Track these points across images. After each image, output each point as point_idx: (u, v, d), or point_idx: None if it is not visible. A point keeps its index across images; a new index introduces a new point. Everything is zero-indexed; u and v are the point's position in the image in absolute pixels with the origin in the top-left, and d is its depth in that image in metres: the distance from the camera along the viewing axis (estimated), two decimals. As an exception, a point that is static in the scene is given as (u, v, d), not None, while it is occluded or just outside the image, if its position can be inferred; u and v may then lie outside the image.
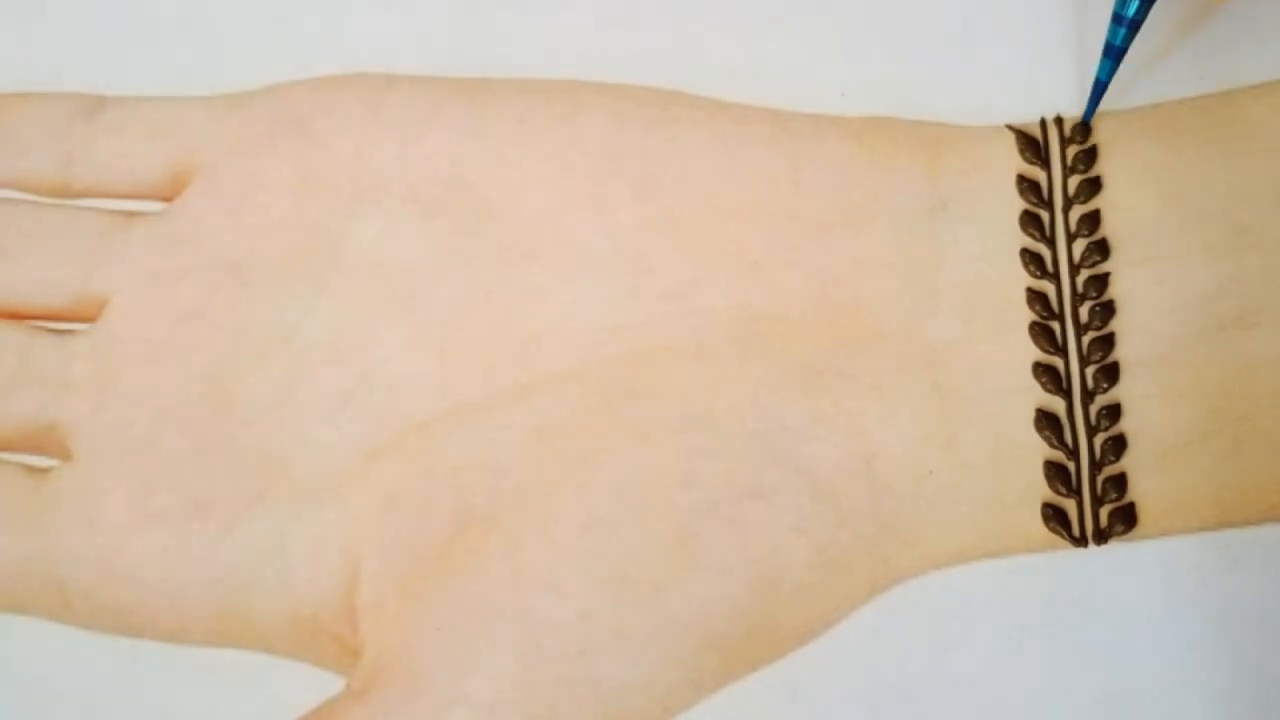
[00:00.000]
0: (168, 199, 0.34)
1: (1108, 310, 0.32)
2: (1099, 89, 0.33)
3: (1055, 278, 0.32)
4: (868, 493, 0.31)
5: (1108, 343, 0.32)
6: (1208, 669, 0.31)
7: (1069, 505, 0.31)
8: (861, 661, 0.32)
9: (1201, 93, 0.33)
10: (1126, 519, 0.31)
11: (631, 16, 0.37)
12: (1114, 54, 0.32)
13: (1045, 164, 0.33)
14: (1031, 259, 0.32)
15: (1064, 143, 0.33)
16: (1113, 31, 0.32)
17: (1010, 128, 0.33)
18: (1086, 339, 0.32)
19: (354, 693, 0.30)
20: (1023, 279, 0.32)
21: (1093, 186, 0.32)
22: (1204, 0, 0.34)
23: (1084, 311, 0.32)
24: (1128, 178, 0.32)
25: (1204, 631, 0.32)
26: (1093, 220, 0.32)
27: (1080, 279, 0.32)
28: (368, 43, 0.35)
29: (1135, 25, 0.32)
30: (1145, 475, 0.31)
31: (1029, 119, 0.33)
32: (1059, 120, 0.33)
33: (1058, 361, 0.32)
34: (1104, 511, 0.31)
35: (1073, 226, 0.32)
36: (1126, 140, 0.33)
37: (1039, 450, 0.31)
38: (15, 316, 0.33)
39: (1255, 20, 0.34)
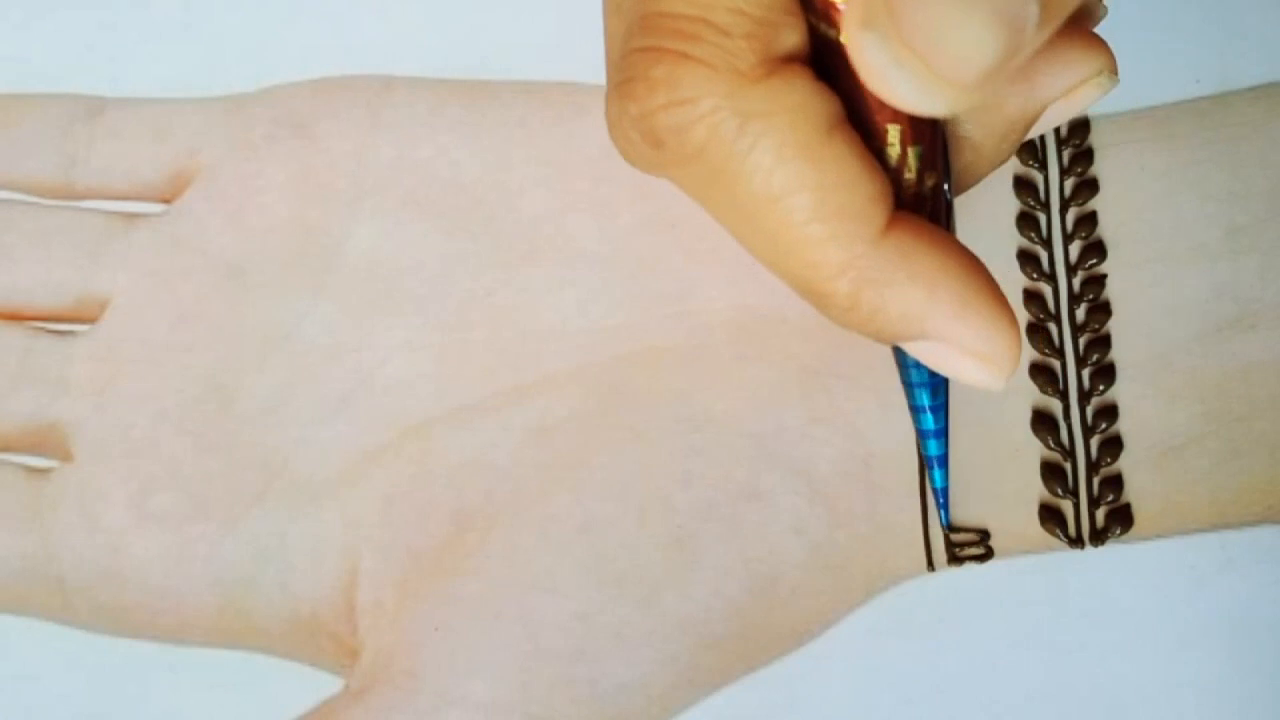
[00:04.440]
0: (168, 200, 0.34)
1: (1104, 311, 0.32)
2: (942, 495, 0.30)
3: (1052, 279, 0.32)
4: (865, 493, 0.31)
5: (1104, 344, 0.32)
6: (1204, 668, 0.31)
7: (1065, 506, 0.31)
8: (861, 661, 0.32)
9: (1197, 95, 0.33)
10: (1123, 520, 0.31)
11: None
12: (940, 462, 0.30)
13: (1042, 165, 0.33)
14: (1028, 260, 0.32)
15: (1060, 144, 0.33)
16: (933, 445, 0.30)
17: (1007, 129, 0.33)
18: (1083, 340, 0.32)
19: (353, 693, 0.30)
20: (1019, 280, 0.32)
21: (1089, 188, 0.32)
22: (1201, 1, 0.34)
23: (1080, 312, 0.32)
24: (1124, 179, 0.32)
25: (1200, 631, 0.32)
26: (1089, 221, 0.32)
27: (1077, 280, 0.32)
28: (367, 45, 0.35)
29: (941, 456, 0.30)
30: (1141, 476, 0.31)
31: (1026, 121, 0.33)
32: (1056, 121, 0.33)
33: (1054, 362, 0.32)
34: (1100, 512, 0.31)
35: (1069, 227, 0.32)
36: (1123, 142, 0.33)
37: (1035, 451, 0.31)
38: (16, 317, 0.33)
39: (1250, 23, 0.34)
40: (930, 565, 0.31)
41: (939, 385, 0.28)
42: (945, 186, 0.25)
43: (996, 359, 0.25)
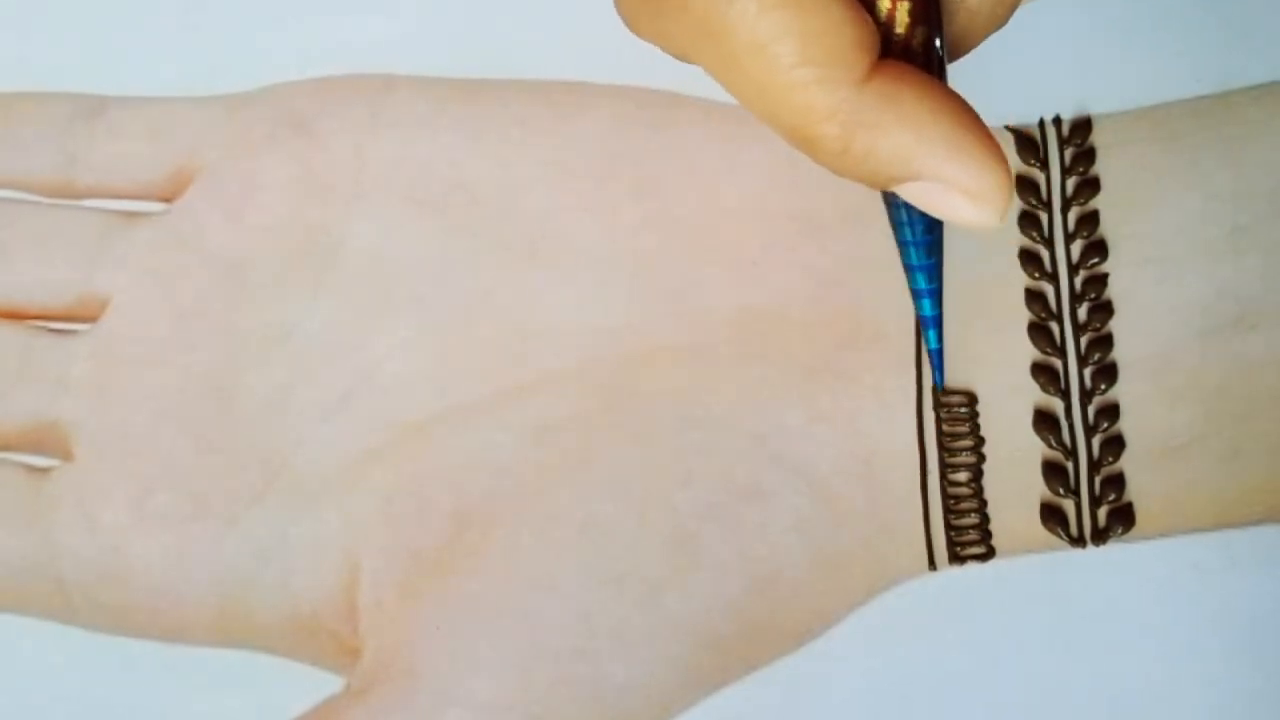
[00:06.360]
0: (169, 199, 0.34)
1: (1106, 310, 0.32)
2: (937, 357, 0.30)
3: (1054, 278, 0.32)
4: (866, 493, 0.31)
5: (1106, 343, 0.31)
6: (1207, 667, 0.31)
7: (1067, 505, 0.31)
8: (861, 661, 0.32)
9: (1199, 95, 0.33)
10: (1124, 519, 0.31)
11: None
12: (932, 323, 0.30)
13: (1044, 165, 0.33)
14: (1030, 259, 0.32)
15: (1062, 143, 0.33)
16: (927, 305, 0.29)
17: (1009, 128, 0.33)
18: (1085, 339, 0.32)
19: (353, 692, 0.30)
20: (1021, 279, 0.32)
21: (1091, 187, 0.32)
22: (1202, 0, 0.34)
23: (1082, 312, 0.32)
24: (1126, 179, 0.32)
25: (1204, 630, 0.31)
26: (1091, 221, 0.32)
27: (1078, 279, 0.32)
28: (368, 44, 0.35)
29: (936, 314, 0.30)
30: (1143, 475, 0.31)
31: (1027, 120, 0.33)
32: (1057, 121, 0.33)
33: (1056, 362, 0.32)
34: (1102, 511, 0.31)
35: (1071, 227, 0.32)
36: (1125, 141, 0.33)
37: (1037, 450, 0.31)
38: (17, 316, 0.33)
39: (1252, 22, 0.34)
40: (932, 564, 0.31)
41: (934, 244, 0.28)
42: (937, 42, 0.26)
43: (988, 196, 0.25)
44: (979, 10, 0.26)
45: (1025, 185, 0.33)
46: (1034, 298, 0.32)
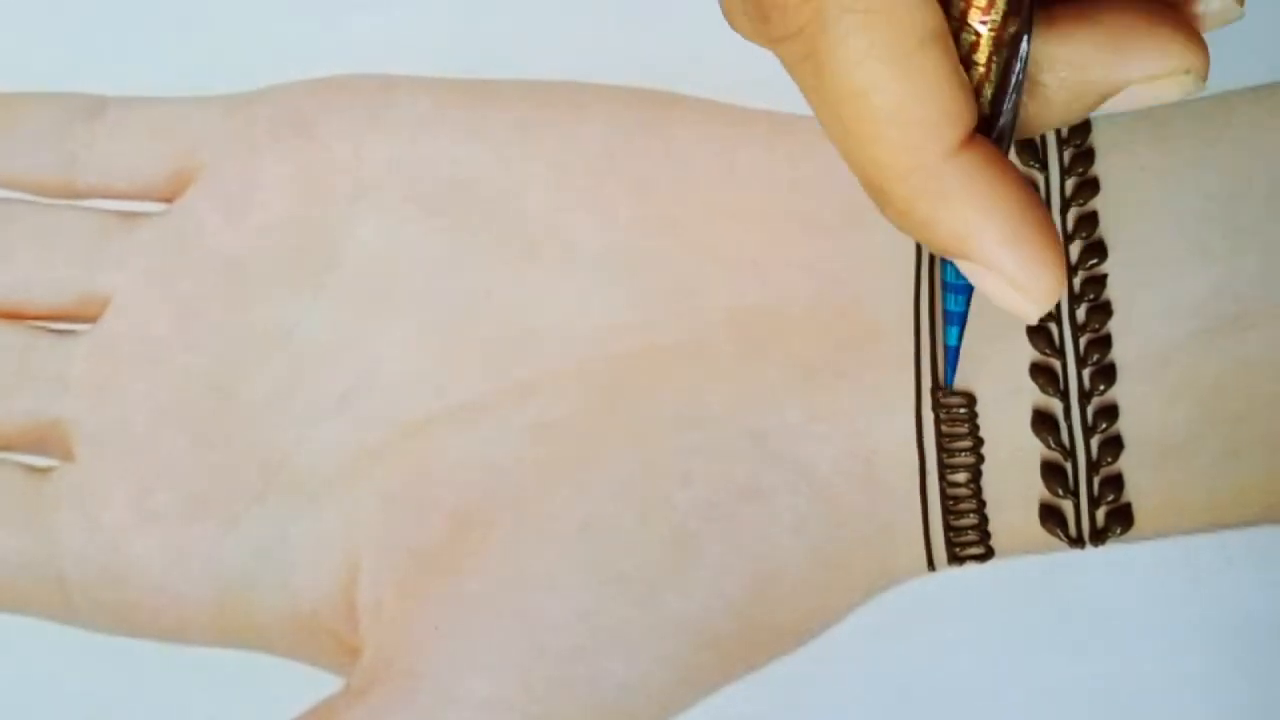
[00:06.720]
0: (169, 200, 0.34)
1: (1104, 311, 0.32)
2: (953, 355, 0.31)
3: (1053, 279, 0.32)
4: (866, 492, 0.31)
5: (1104, 344, 0.31)
6: (1203, 667, 0.31)
7: (1066, 506, 0.31)
8: (861, 661, 0.32)
9: (1198, 95, 0.33)
10: (1123, 519, 0.31)
11: (631, 18, 0.37)
12: (957, 319, 0.30)
13: (1043, 165, 0.33)
14: (1029, 260, 0.32)
15: (1061, 144, 0.33)
16: (953, 300, 0.30)
17: (1007, 129, 0.33)
18: (1083, 340, 0.32)
19: (353, 691, 0.30)
20: (1020, 280, 0.32)
21: (1090, 188, 0.32)
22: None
23: (1081, 312, 0.32)
24: (1125, 180, 0.32)
25: (1200, 630, 0.32)
26: (1090, 222, 0.32)
27: (1077, 280, 0.32)
28: (368, 44, 0.35)
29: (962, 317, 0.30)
30: (1142, 476, 0.31)
31: (1027, 121, 0.33)
32: (1056, 121, 0.33)
33: (1055, 362, 0.32)
34: (1100, 512, 0.31)
35: (1070, 227, 0.32)
36: (1123, 142, 0.33)
37: (1036, 451, 0.31)
38: (17, 316, 0.33)
39: (1250, 23, 0.34)
40: (931, 565, 0.31)
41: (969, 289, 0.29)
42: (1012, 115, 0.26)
43: (1035, 292, 0.25)
44: (1054, 101, 0.26)
45: (1024, 186, 0.33)
46: (1033, 298, 0.32)
